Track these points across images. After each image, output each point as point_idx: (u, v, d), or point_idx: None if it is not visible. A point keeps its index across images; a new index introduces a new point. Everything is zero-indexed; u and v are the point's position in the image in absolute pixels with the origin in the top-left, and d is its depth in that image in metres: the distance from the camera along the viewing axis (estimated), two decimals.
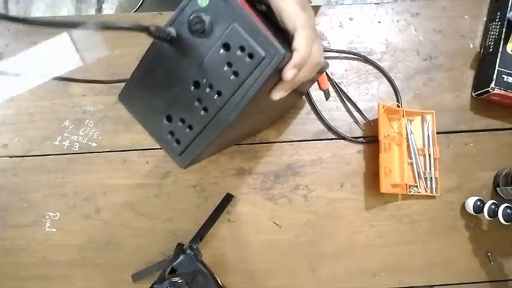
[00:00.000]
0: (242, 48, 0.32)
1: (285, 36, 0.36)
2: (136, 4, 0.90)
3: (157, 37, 0.32)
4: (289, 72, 0.34)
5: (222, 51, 0.33)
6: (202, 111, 0.35)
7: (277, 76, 0.35)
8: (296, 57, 0.34)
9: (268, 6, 0.36)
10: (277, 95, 0.37)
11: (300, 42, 0.34)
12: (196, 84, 0.35)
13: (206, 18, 0.32)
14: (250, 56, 0.32)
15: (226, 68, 0.33)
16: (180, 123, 0.37)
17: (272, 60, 0.32)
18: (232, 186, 0.61)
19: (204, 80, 0.34)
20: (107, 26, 0.28)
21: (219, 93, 0.34)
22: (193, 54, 0.34)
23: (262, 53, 0.32)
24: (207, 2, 0.32)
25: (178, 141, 0.38)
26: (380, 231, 0.61)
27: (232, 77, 0.33)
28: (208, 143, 0.37)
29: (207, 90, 0.35)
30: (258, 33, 0.32)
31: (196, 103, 0.35)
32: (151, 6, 0.94)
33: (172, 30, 0.33)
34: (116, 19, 0.65)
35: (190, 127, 0.37)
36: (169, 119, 0.37)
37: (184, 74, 0.35)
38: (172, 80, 0.36)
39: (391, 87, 0.64)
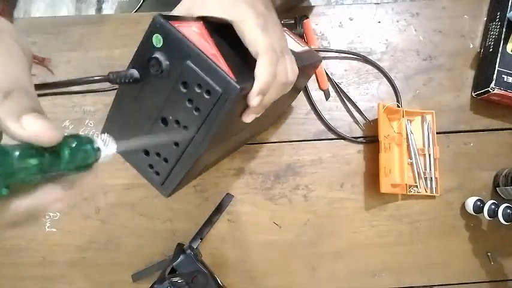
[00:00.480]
0: (199, 86, 0.32)
1: (251, 57, 0.35)
2: (136, 5, 0.90)
3: (120, 83, 0.32)
4: (253, 100, 0.34)
5: (182, 89, 0.33)
6: (174, 146, 0.36)
7: (243, 102, 0.35)
8: (257, 85, 0.33)
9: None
10: (248, 118, 0.37)
11: (260, 69, 0.34)
12: (164, 121, 0.36)
13: (162, 58, 0.32)
14: (208, 92, 0.32)
15: (188, 104, 0.33)
16: (156, 157, 0.38)
17: (229, 95, 0.32)
18: (232, 186, 0.61)
19: (171, 117, 0.35)
20: (72, 83, 0.29)
21: (185, 128, 0.35)
22: (158, 92, 0.34)
23: (219, 89, 0.32)
24: (161, 42, 0.32)
25: (157, 173, 0.39)
26: (380, 231, 0.61)
27: (195, 113, 0.34)
28: (184, 173, 0.38)
29: (175, 125, 0.35)
30: (211, 69, 0.31)
31: (167, 138, 0.36)
32: (151, 7, 0.94)
33: (134, 72, 0.33)
34: (125, 18, 0.65)
35: (165, 160, 0.38)
36: (146, 153, 0.39)
37: (152, 111, 0.35)
38: (143, 117, 0.36)
39: (391, 87, 0.64)
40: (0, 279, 0.60)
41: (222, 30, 0.36)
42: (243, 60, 0.35)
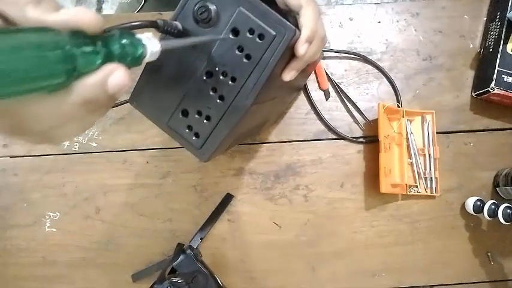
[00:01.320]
0: (251, 31, 0.32)
1: (285, 18, 0.36)
2: (137, 6, 0.90)
3: (165, 31, 0.32)
4: (301, 48, 0.35)
5: (231, 36, 0.33)
6: (219, 100, 0.35)
7: (287, 56, 0.35)
8: (306, 32, 0.35)
9: None
10: (289, 75, 0.38)
11: (307, 18, 0.36)
12: (209, 74, 0.35)
13: (211, 6, 0.32)
14: (261, 37, 0.32)
15: (237, 52, 0.33)
16: (197, 116, 0.36)
17: (283, 37, 0.32)
18: (232, 186, 0.61)
19: (217, 68, 0.34)
20: (121, 26, 0.28)
21: (233, 79, 0.34)
22: (202, 45, 0.34)
23: (273, 32, 0.32)
24: None
25: (197, 135, 0.37)
26: (380, 231, 0.61)
27: (244, 60, 0.33)
28: (228, 131, 0.36)
29: (221, 78, 0.34)
30: (265, 13, 0.32)
31: (212, 93, 0.35)
32: (152, 7, 0.94)
33: (178, 24, 0.33)
34: (126, 17, 0.65)
35: (207, 118, 0.36)
36: (185, 113, 0.37)
37: (195, 65, 0.35)
38: (183, 74, 0.35)
39: (391, 87, 0.64)
40: (0, 279, 0.60)
41: None
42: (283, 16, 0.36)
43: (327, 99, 0.64)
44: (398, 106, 0.63)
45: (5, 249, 0.60)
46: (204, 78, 0.35)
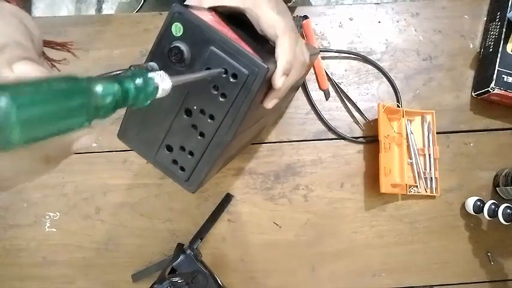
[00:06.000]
0: (225, 70, 0.32)
1: (265, 43, 0.35)
2: (136, 6, 0.90)
3: None
4: (278, 81, 0.34)
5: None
6: (199, 137, 0.36)
7: (266, 86, 0.35)
8: (281, 64, 0.34)
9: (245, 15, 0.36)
10: (270, 103, 0.37)
11: (282, 49, 0.34)
12: (188, 112, 0.35)
13: (184, 47, 0.32)
14: (234, 76, 0.32)
15: (213, 91, 0.33)
16: (180, 151, 0.38)
17: (256, 76, 0.31)
18: (232, 186, 0.61)
19: (195, 107, 0.35)
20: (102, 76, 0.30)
21: (211, 117, 0.35)
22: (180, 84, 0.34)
23: (245, 72, 0.32)
24: (181, 30, 0.32)
25: (182, 169, 0.39)
26: (380, 231, 0.61)
27: (221, 99, 0.33)
28: (211, 165, 0.37)
29: (200, 115, 0.35)
30: (237, 52, 0.31)
31: (192, 129, 0.36)
32: (152, 7, 0.94)
33: (154, 65, 0.33)
34: (126, 17, 0.65)
35: (191, 153, 0.37)
36: (169, 148, 0.38)
37: (175, 103, 0.35)
38: (164, 112, 0.36)
39: (391, 87, 0.64)
40: (0, 279, 0.60)
41: (231, 20, 0.36)
42: (259, 45, 0.35)
43: (327, 99, 0.64)
44: (398, 106, 0.63)
45: (5, 249, 0.60)
46: (184, 116, 0.36)
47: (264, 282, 0.60)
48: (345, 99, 0.63)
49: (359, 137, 0.63)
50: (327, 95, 0.64)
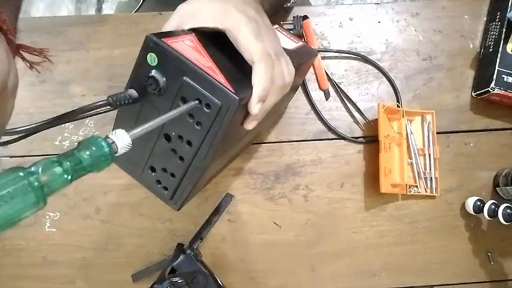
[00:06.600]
0: (199, 100, 0.32)
1: (246, 63, 0.35)
2: (135, 5, 0.90)
3: (120, 105, 0.32)
4: (254, 107, 0.34)
5: (181, 104, 0.33)
6: (179, 160, 0.37)
7: (244, 111, 0.35)
8: (256, 92, 0.33)
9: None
10: (250, 125, 0.37)
11: (257, 77, 0.34)
12: (167, 137, 0.37)
13: (159, 76, 0.32)
14: (208, 106, 0.32)
15: (189, 119, 0.34)
16: (163, 172, 0.39)
17: (229, 107, 0.32)
18: (232, 186, 0.61)
19: (173, 133, 0.36)
20: (79, 112, 0.30)
21: (189, 143, 0.35)
22: (158, 110, 0.34)
23: (218, 102, 0.32)
24: (156, 60, 0.32)
25: (165, 188, 0.41)
26: (380, 231, 0.61)
27: (196, 127, 0.34)
28: (192, 185, 0.39)
29: (178, 141, 0.36)
30: (209, 83, 0.31)
31: (172, 153, 0.37)
32: (151, 7, 0.94)
33: (133, 93, 0.33)
34: (125, 17, 0.65)
35: (172, 175, 0.39)
36: (153, 169, 0.40)
37: (156, 129, 0.35)
38: (147, 135, 0.36)
39: (391, 87, 0.64)
40: (0, 279, 0.60)
41: (214, 40, 0.36)
42: (239, 67, 0.35)
43: (327, 99, 0.64)
44: (398, 106, 0.63)
45: (5, 249, 0.60)
46: (164, 140, 0.37)
47: (264, 282, 0.60)
48: (345, 99, 0.63)
49: (359, 137, 0.63)
50: (327, 95, 0.64)
